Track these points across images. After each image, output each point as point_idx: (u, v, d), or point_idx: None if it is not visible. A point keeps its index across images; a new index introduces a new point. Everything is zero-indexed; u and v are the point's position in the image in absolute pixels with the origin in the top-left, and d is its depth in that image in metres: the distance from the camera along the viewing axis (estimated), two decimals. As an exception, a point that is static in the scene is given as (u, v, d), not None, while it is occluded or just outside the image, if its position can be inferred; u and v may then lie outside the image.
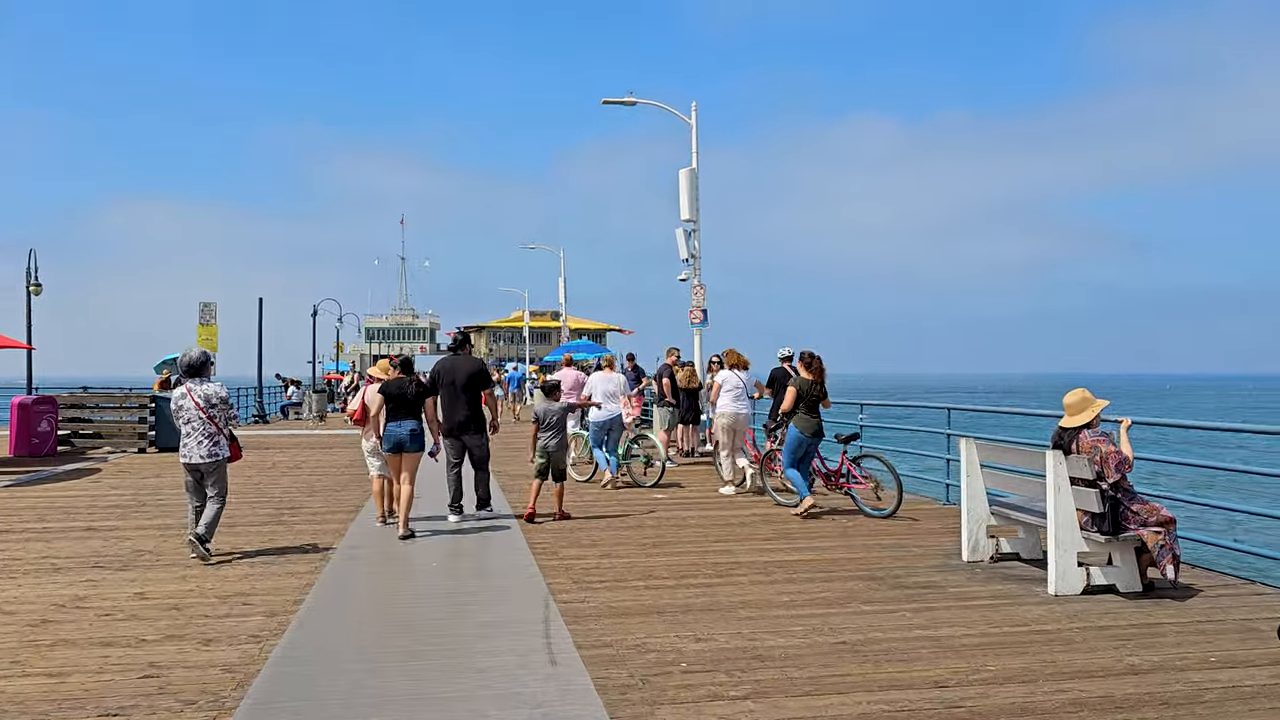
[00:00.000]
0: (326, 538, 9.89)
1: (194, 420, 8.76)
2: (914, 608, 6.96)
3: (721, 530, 10.34)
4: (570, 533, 10.21)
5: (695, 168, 22.51)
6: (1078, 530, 7.33)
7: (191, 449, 8.77)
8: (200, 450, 8.76)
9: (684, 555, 8.96)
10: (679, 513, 11.58)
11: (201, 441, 8.76)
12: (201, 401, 8.76)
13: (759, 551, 9.14)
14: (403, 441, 10.02)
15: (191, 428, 8.76)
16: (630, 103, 22.86)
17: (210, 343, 30.07)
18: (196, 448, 8.76)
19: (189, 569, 8.37)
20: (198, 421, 8.76)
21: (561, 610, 6.91)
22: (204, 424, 8.76)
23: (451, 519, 10.79)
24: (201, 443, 8.76)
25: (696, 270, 22.57)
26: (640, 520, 11.05)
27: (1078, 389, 7.68)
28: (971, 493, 8.61)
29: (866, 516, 11.19)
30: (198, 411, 8.75)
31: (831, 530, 10.35)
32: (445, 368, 10.95)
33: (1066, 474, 7.33)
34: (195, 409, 8.75)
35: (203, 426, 8.76)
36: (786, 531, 10.27)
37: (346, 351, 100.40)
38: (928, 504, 12.42)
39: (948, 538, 9.78)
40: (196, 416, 8.75)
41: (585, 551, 9.16)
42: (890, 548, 9.31)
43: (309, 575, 8.07)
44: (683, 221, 22.42)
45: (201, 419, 8.76)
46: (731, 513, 11.58)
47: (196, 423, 8.76)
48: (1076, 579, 7.29)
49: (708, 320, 22.62)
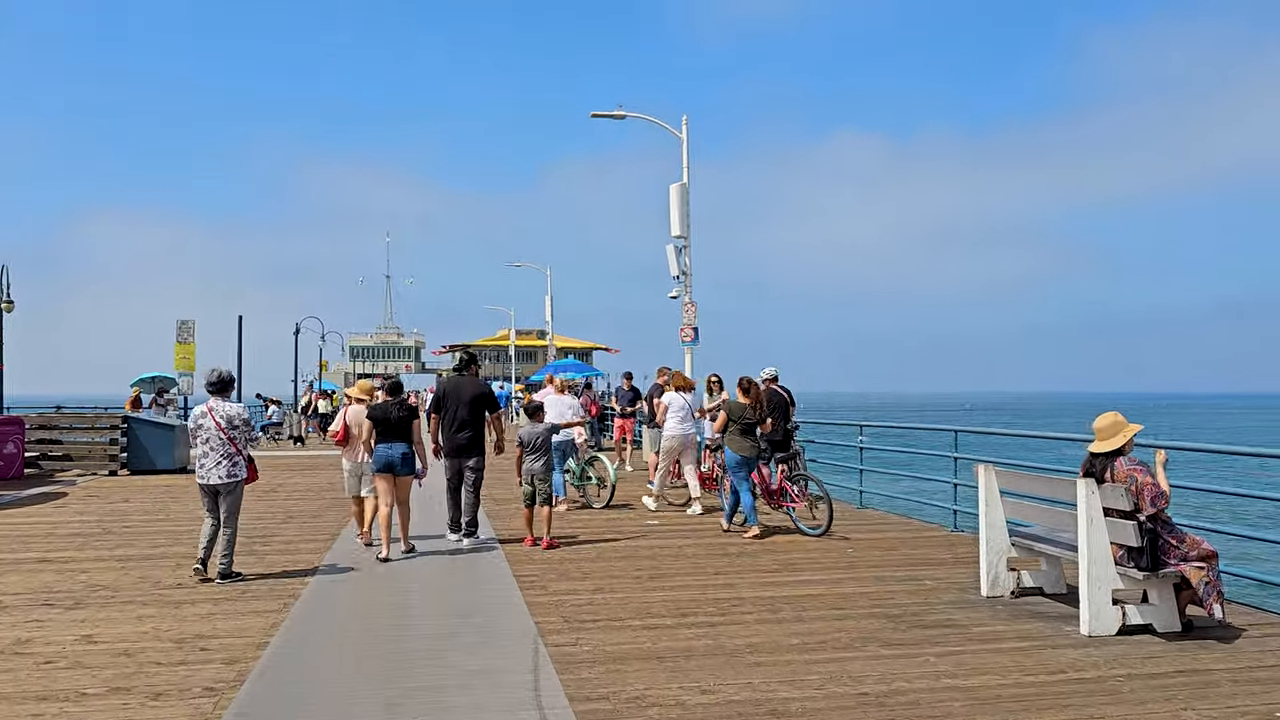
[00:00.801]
0: (299, 570, 9.24)
1: (213, 440, 8.57)
2: (938, 651, 6.36)
3: (721, 560, 9.73)
4: (560, 564, 9.58)
5: (686, 183, 22.03)
6: (1112, 565, 6.75)
7: (209, 469, 8.59)
8: (219, 471, 8.58)
9: (683, 589, 8.34)
10: (674, 541, 10.96)
11: (220, 462, 8.58)
12: (223, 422, 8.58)
13: (763, 585, 8.53)
14: (393, 463, 9.85)
15: (209, 447, 8.58)
16: (619, 116, 22.37)
17: (187, 361, 29.37)
18: (215, 468, 8.58)
19: (145, 607, 7.70)
20: (217, 441, 8.57)
21: (552, 655, 6.29)
22: (224, 444, 8.58)
23: (450, 538, 10.65)
24: (220, 463, 8.58)
25: (688, 287, 22.06)
26: (633, 549, 10.44)
27: (1109, 412, 7.12)
28: (990, 522, 8.04)
29: (804, 535, 11.26)
30: (218, 432, 8.56)
31: (837, 561, 9.75)
32: (450, 388, 10.70)
33: (1099, 504, 6.76)
34: (216, 429, 8.56)
35: (222, 447, 8.58)
36: (790, 562, 9.67)
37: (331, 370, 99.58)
38: (934, 531, 11.84)
39: (961, 569, 9.20)
40: (216, 436, 8.57)
41: (576, 585, 8.53)
42: (902, 580, 8.72)
43: (276, 614, 7.41)
44: (673, 238, 21.92)
45: (221, 439, 8.57)
46: (729, 541, 10.97)
47: (216, 443, 8.57)
48: (1111, 618, 6.71)
49: (699, 338, 22.09)
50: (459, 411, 10.54)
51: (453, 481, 10.71)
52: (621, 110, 22.29)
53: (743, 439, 11.43)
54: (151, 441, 19.90)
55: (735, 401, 11.55)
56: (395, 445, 9.88)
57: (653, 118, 22.40)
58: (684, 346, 22.03)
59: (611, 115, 22.33)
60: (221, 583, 8.55)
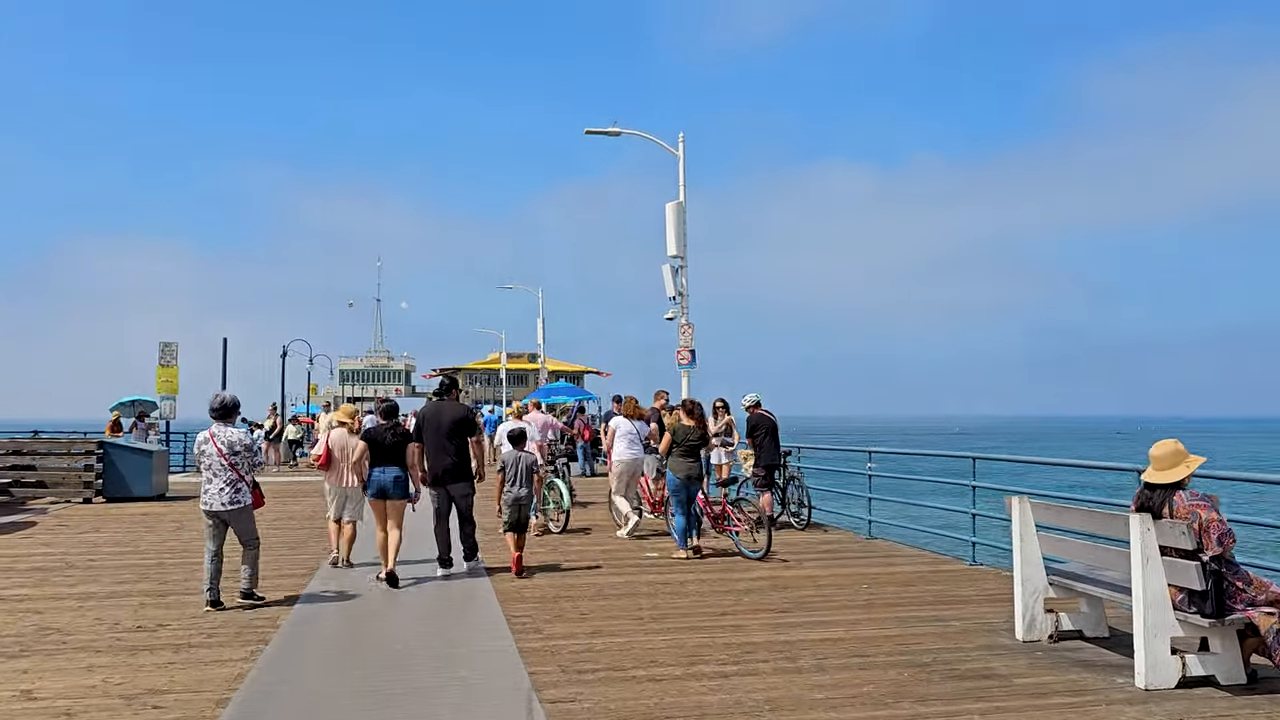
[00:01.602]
0: (271, 610, 8.52)
1: (216, 466, 8.47)
2: (981, 709, 5.69)
3: (727, 598, 9.04)
4: (555, 602, 8.88)
5: (683, 201, 21.44)
6: (1171, 611, 6.10)
7: (213, 495, 8.47)
8: (222, 497, 8.46)
9: (689, 632, 7.65)
10: (675, 576, 10.26)
11: (223, 489, 8.46)
12: (225, 447, 8.47)
13: (776, 627, 7.84)
14: (386, 487, 9.79)
15: (213, 473, 8.47)
16: (615, 133, 21.80)
17: (170, 384, 28.60)
18: (218, 494, 8.46)
19: (97, 654, 6.98)
20: (219, 467, 8.46)
21: (548, 714, 5.60)
22: (226, 470, 8.47)
23: (440, 573, 10.09)
24: (223, 490, 8.46)
25: (684, 309, 21.42)
26: (632, 584, 9.74)
27: (1169, 440, 6.47)
28: (1026, 559, 7.37)
29: (745, 558, 11.31)
30: (220, 458, 8.45)
31: (852, 599, 9.07)
32: (429, 413, 10.29)
33: (1156, 542, 6.10)
34: (218, 455, 8.45)
35: (225, 473, 8.47)
36: (802, 600, 8.98)
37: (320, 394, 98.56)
38: (951, 565, 11.15)
39: (988, 608, 8.53)
40: (219, 462, 8.46)
41: (574, 628, 7.83)
42: (926, 621, 8.04)
43: (242, 664, 6.69)
44: (670, 257, 21.29)
45: (224, 465, 8.46)
46: (734, 575, 10.27)
47: (219, 468, 8.47)
48: (1170, 669, 6.05)
49: (696, 361, 21.43)
50: (439, 438, 10.14)
51: (441, 511, 10.30)
52: (616, 127, 21.73)
53: (684, 461, 11.40)
54: (128, 468, 19.12)
55: (681, 424, 11.51)
56: (388, 469, 9.81)
57: (648, 134, 21.85)
58: (680, 369, 21.36)
59: (606, 132, 21.77)
60: (241, 600, 8.55)
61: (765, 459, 13.97)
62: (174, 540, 13.24)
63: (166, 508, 17.82)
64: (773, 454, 14.07)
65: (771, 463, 14.06)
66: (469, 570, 10.23)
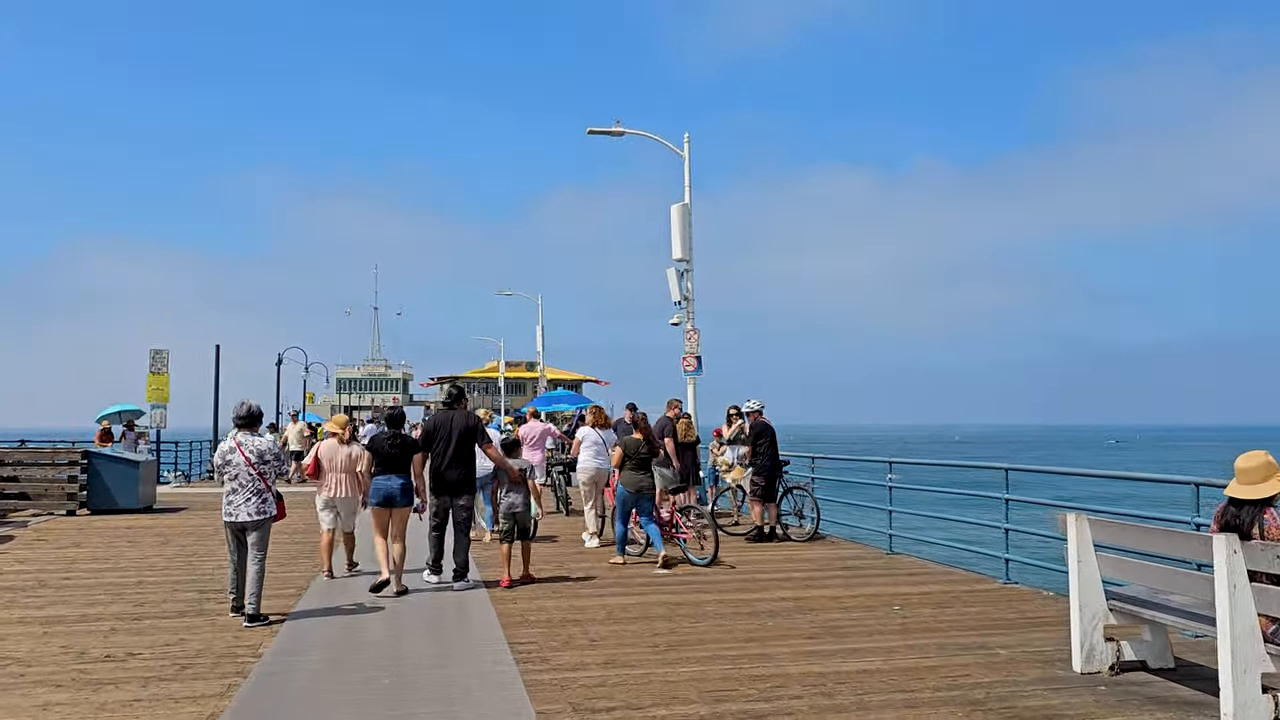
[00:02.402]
0: (255, 635, 7.83)
1: (242, 476, 8.28)
2: (1053, 758, 5.00)
3: (750, 622, 8.35)
4: (562, 626, 8.19)
5: (688, 203, 20.78)
6: (1261, 643, 5.42)
7: (238, 506, 8.25)
8: (248, 508, 8.24)
9: (711, 662, 6.96)
10: (691, 596, 9.57)
11: (249, 499, 8.25)
12: (253, 457, 8.28)
13: (807, 656, 7.15)
14: (392, 495, 9.69)
15: (239, 484, 8.28)
16: (618, 133, 21.14)
17: (161, 392, 27.89)
18: (244, 505, 8.25)
19: (57, 689, 6.28)
20: (246, 477, 8.28)
21: (561, 764, 4.91)
22: (253, 480, 8.28)
23: (430, 579, 10.13)
24: (249, 500, 8.25)
25: (690, 314, 20.74)
26: (645, 605, 9.06)
27: (1257, 451, 5.79)
28: (1084, 582, 6.69)
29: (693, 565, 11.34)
30: (248, 467, 8.26)
31: (885, 623, 8.38)
32: (438, 423, 10.19)
33: (1244, 567, 5.43)
34: (245, 464, 8.26)
35: (251, 483, 8.28)
36: (831, 624, 8.29)
37: (318, 403, 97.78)
38: (984, 583, 10.43)
39: (1035, 633, 7.85)
40: (246, 472, 8.27)
41: (584, 657, 7.14)
42: (970, 649, 7.35)
43: (216, 702, 6.00)
44: (675, 261, 20.63)
45: (251, 475, 8.28)
46: (754, 595, 9.58)
47: (245, 479, 8.28)
48: (1262, 709, 5.36)
49: (702, 368, 20.75)
50: (449, 447, 10.00)
51: (438, 520, 10.22)
52: (620, 126, 21.08)
53: (635, 474, 11.41)
54: (113, 478, 18.40)
55: (631, 438, 11.61)
56: (393, 478, 9.72)
57: (652, 134, 21.20)
58: (686, 376, 20.68)
59: (609, 131, 21.11)
60: (248, 625, 8.11)
61: (765, 468, 13.40)
62: (156, 556, 12.54)
63: (153, 520, 17.12)
64: (773, 463, 13.57)
65: (772, 472, 13.52)
66: (459, 588, 9.90)
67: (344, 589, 9.88)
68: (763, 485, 13.36)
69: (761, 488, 13.35)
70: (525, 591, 9.85)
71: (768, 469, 13.44)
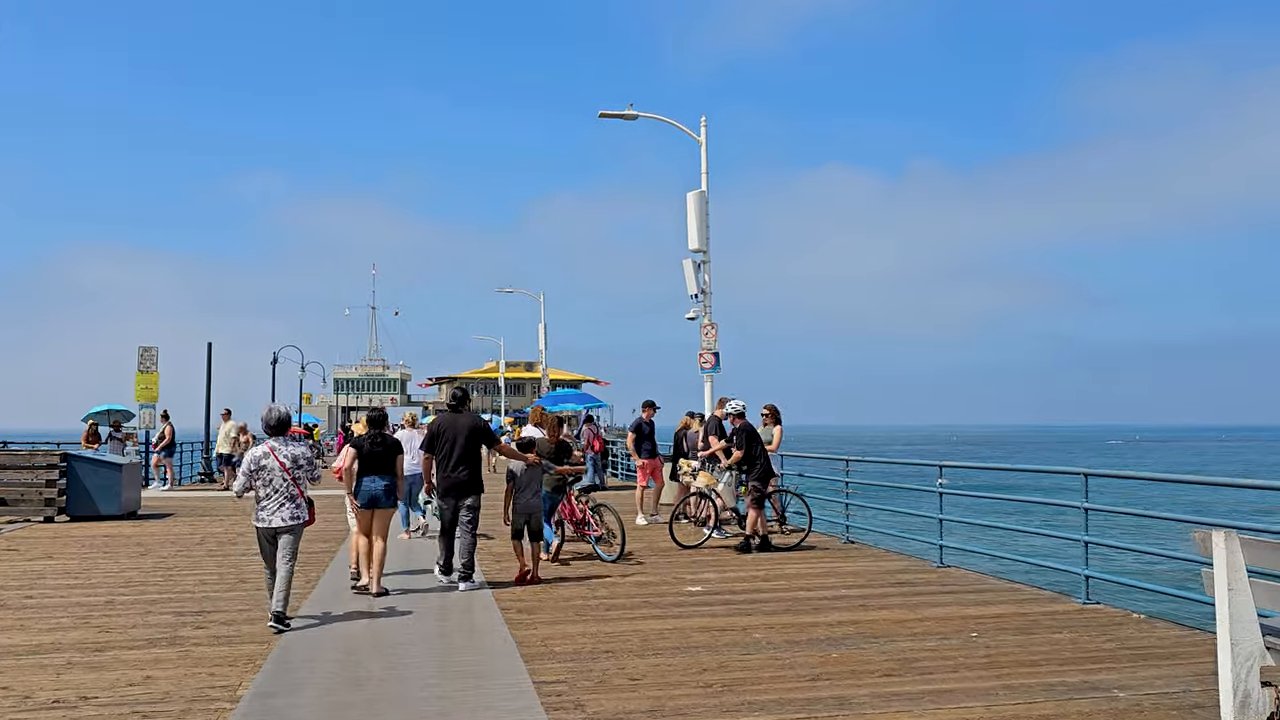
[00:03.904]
0: (235, 671, 6.68)
1: (277, 481, 8.21)
2: None
3: (810, 654, 7.19)
4: (594, 660, 7.03)
5: (705, 190, 19.66)
6: None
7: (272, 512, 8.18)
8: (284, 513, 8.18)
9: (780, 710, 5.79)
10: (734, 619, 8.40)
11: (284, 504, 8.20)
12: (288, 462, 8.24)
13: (890, 700, 5.98)
14: (378, 497, 9.64)
15: (273, 489, 8.20)
16: (630, 116, 20.00)
17: (149, 392, 26.69)
18: (279, 510, 8.18)
19: (-15, 751, 5.14)
20: (281, 483, 8.21)
21: None
22: (288, 485, 8.23)
23: (440, 578, 10.21)
24: (284, 505, 8.20)
25: (707, 307, 19.62)
26: (683, 631, 7.89)
27: None
28: (1236, 615, 5.52)
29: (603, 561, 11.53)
30: (283, 473, 8.21)
31: (967, 654, 7.20)
32: (445, 425, 10.25)
33: None
34: (280, 469, 8.20)
35: (286, 488, 8.22)
36: (906, 657, 7.11)
37: (315, 403, 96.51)
38: (1060, 603, 9.21)
39: (1149, 669, 6.70)
40: (281, 477, 8.22)
41: (624, 701, 5.98)
42: (1082, 691, 6.19)
43: (179, 768, 4.85)
44: (691, 251, 19.52)
45: (286, 480, 8.22)
46: (807, 620, 8.41)
47: (280, 484, 8.21)
48: None
49: (720, 364, 19.62)
50: (456, 449, 10.08)
51: (448, 522, 10.21)
52: (632, 109, 19.94)
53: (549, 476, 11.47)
54: (94, 483, 17.23)
55: (544, 440, 11.98)
56: (378, 479, 9.66)
57: (666, 118, 20.06)
58: (703, 374, 19.56)
59: (621, 115, 19.97)
60: (272, 626, 7.94)
61: (758, 473, 12.52)
62: (133, 569, 11.38)
63: (135, 528, 15.94)
64: (767, 468, 12.72)
65: (766, 477, 12.63)
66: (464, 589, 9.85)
67: (341, 602, 8.76)
68: (758, 489, 12.51)
69: (757, 491, 12.50)
70: (544, 610, 8.72)
71: (762, 474, 12.56)
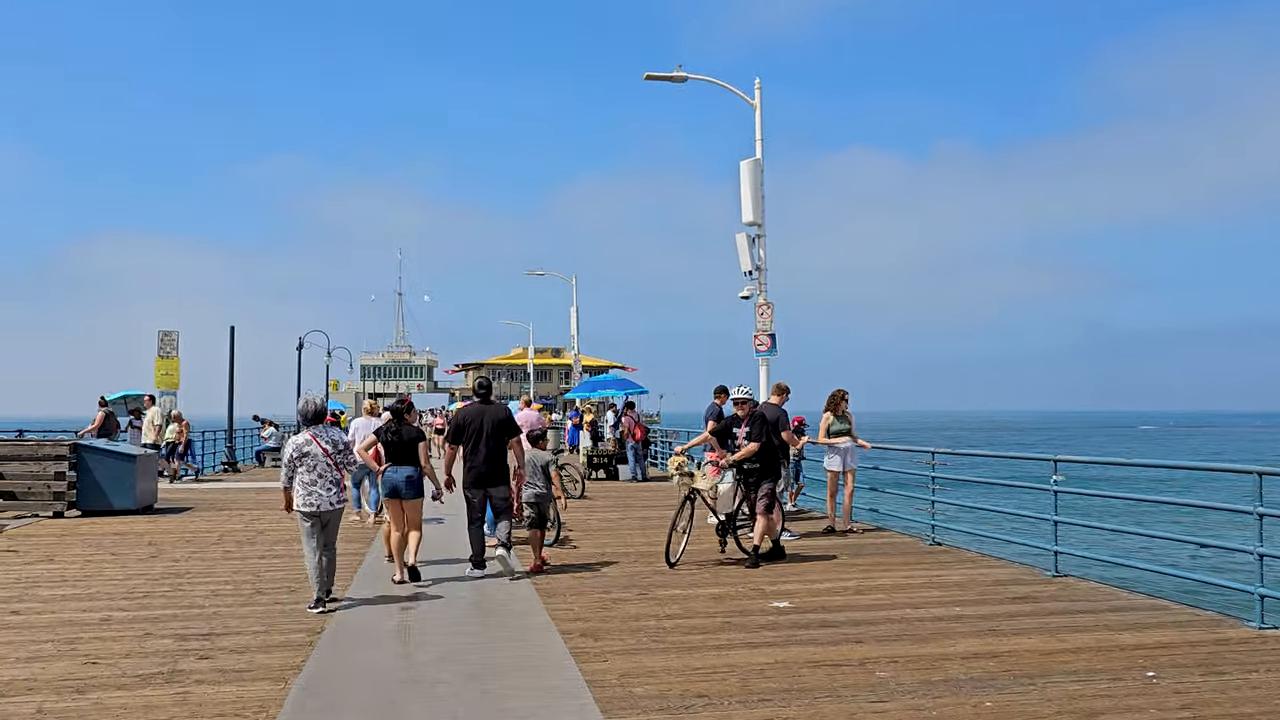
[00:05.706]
0: (250, 706, 5.35)
1: (320, 466, 8.51)
2: None
3: (957, 702, 5.74)
4: (690, 709, 5.62)
5: (760, 158, 18.16)
6: None
7: (320, 496, 8.48)
8: (330, 497, 8.53)
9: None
10: (843, 648, 6.96)
11: (330, 488, 8.55)
12: (330, 448, 8.56)
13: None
14: (398, 488, 9.74)
15: (318, 474, 8.51)
16: (680, 79, 18.52)
17: (170, 378, 25.65)
18: (325, 494, 8.50)
19: None
20: (324, 468, 8.53)
21: None
22: (331, 470, 8.56)
23: (474, 574, 10.07)
24: (330, 489, 8.55)
25: (762, 285, 18.16)
26: (788, 666, 6.47)
27: None
28: None
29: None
30: (326, 459, 8.52)
31: (1162, 708, 5.73)
32: (470, 415, 10.24)
33: None
34: (324, 455, 8.52)
35: (330, 473, 8.55)
36: (1084, 708, 5.62)
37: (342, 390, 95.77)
38: (1234, 630, 7.53)
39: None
40: (324, 463, 8.52)
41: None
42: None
43: None
44: (745, 224, 18.05)
45: (329, 465, 8.54)
46: (928, 650, 6.93)
47: (324, 469, 8.53)
48: None
49: (776, 347, 18.15)
50: (480, 439, 10.11)
51: (476, 514, 10.22)
52: (681, 71, 18.46)
53: None
54: (106, 475, 16.00)
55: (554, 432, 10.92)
56: (400, 469, 9.80)
57: (718, 80, 18.55)
58: (758, 357, 18.11)
59: (669, 77, 18.48)
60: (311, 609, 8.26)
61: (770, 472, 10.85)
62: (139, 576, 10.11)
63: (149, 524, 14.72)
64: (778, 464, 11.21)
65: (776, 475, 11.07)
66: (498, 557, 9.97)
67: (372, 613, 7.41)
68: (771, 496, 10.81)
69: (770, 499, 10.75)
70: (611, 634, 7.34)
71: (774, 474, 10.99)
